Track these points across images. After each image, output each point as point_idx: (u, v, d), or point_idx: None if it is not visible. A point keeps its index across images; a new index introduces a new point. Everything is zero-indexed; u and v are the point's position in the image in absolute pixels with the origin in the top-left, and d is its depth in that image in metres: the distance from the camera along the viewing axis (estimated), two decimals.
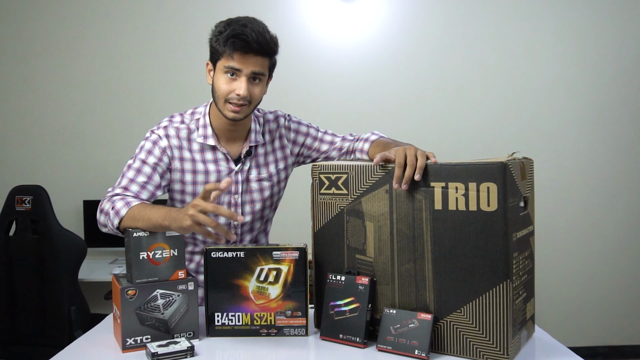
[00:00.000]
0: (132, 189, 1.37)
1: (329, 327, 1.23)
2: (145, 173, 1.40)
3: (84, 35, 3.29)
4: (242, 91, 1.34)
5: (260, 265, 1.25)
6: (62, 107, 3.31)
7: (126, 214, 1.27)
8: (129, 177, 1.39)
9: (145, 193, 1.38)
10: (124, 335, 1.18)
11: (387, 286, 1.20)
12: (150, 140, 1.44)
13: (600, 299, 3.38)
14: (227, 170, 1.47)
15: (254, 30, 1.32)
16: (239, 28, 1.32)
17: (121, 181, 1.39)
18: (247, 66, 1.34)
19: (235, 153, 1.49)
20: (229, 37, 1.32)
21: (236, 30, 1.32)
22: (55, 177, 3.28)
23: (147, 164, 1.41)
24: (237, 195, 1.49)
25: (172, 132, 1.45)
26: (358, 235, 1.23)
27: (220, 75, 1.36)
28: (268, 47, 1.35)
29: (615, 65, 3.34)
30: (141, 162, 1.41)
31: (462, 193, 1.09)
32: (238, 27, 1.32)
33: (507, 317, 1.07)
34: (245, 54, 1.32)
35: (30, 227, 2.44)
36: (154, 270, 1.20)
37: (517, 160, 1.12)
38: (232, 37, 1.32)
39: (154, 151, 1.42)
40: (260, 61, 1.35)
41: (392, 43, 3.31)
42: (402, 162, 1.13)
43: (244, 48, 1.32)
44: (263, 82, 1.39)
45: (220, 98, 1.37)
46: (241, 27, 1.32)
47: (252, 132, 1.50)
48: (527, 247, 1.18)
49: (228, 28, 1.34)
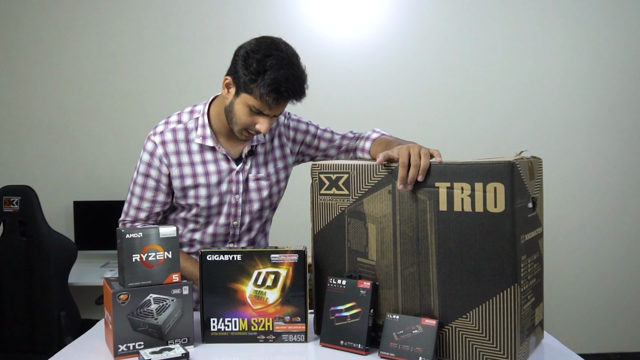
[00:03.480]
0: (140, 217, 1.50)
1: (330, 333, 1.23)
2: (147, 199, 1.48)
3: (74, 30, 3.29)
4: (264, 130, 1.35)
5: (257, 269, 1.25)
6: (52, 104, 3.31)
7: None
8: (135, 206, 1.49)
9: (153, 216, 1.51)
10: (116, 341, 1.18)
11: (389, 290, 1.20)
12: (147, 153, 1.46)
13: (611, 303, 3.38)
14: (228, 170, 1.48)
15: (296, 85, 1.30)
16: (282, 79, 1.28)
17: (128, 211, 1.50)
18: (277, 111, 1.35)
19: (236, 152, 1.50)
20: (270, 90, 1.28)
21: (279, 82, 1.28)
22: (44, 177, 3.28)
23: (147, 188, 1.47)
24: (238, 195, 1.50)
25: (168, 136, 1.46)
26: (359, 237, 1.23)
27: (244, 107, 1.35)
28: (303, 95, 1.35)
29: (627, 60, 3.34)
30: (141, 187, 1.48)
31: (468, 194, 1.09)
32: (281, 77, 1.28)
33: (514, 323, 1.07)
34: (279, 104, 1.33)
35: (19, 229, 2.45)
36: (147, 274, 1.20)
37: (525, 160, 1.12)
38: (274, 93, 1.29)
39: (150, 172, 1.46)
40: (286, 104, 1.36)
41: (395, 37, 3.31)
42: (406, 162, 1.13)
43: (283, 100, 1.32)
44: None
45: (237, 124, 1.38)
46: (285, 80, 1.28)
47: None
48: (536, 250, 1.18)
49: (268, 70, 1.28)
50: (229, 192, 1.48)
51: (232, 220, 1.51)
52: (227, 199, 1.49)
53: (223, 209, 1.50)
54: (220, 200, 1.48)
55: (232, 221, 1.51)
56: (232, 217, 1.51)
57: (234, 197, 1.49)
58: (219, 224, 1.51)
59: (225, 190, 1.48)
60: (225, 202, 1.49)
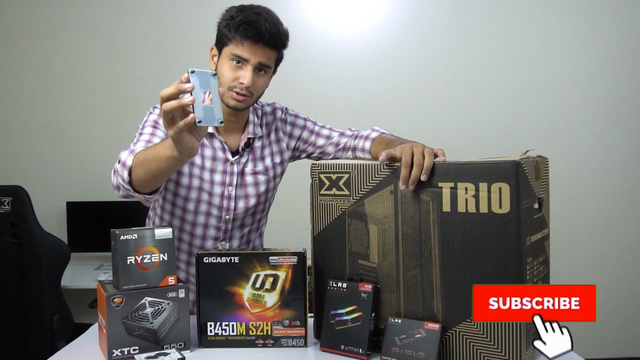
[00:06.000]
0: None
1: (330, 337, 1.23)
2: (159, 136, 1.40)
3: (67, 28, 3.29)
4: (246, 80, 1.36)
5: (256, 271, 1.25)
6: (44, 102, 3.31)
7: (133, 162, 1.24)
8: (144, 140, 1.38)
9: None
10: (110, 346, 1.18)
11: (391, 294, 1.20)
12: (154, 114, 1.46)
13: (620, 307, 3.38)
14: (223, 159, 1.48)
15: (268, 20, 1.36)
16: (253, 16, 1.35)
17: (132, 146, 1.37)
18: (255, 56, 1.36)
19: (233, 145, 1.50)
20: (241, 24, 1.35)
21: (250, 17, 1.35)
22: (36, 177, 3.27)
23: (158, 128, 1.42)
24: (231, 187, 1.50)
25: None
26: (361, 239, 1.23)
27: (226, 61, 1.39)
28: (280, 39, 1.39)
29: (635, 58, 3.34)
30: (152, 127, 1.42)
31: (472, 194, 1.09)
32: (252, 15, 1.36)
33: (520, 327, 1.07)
34: (255, 43, 1.36)
35: (10, 231, 2.44)
36: (142, 276, 1.20)
37: (531, 159, 1.13)
38: (244, 24, 1.34)
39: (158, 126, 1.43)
40: (269, 53, 1.39)
41: (398, 33, 3.31)
42: (409, 162, 1.13)
43: (255, 37, 1.35)
44: (268, 75, 1.43)
45: (223, 85, 1.39)
46: (255, 15, 1.36)
47: (251, 123, 1.52)
48: (542, 252, 1.18)
49: (241, 14, 1.36)
50: (222, 183, 1.49)
51: (225, 214, 1.51)
52: (218, 190, 1.49)
53: (214, 200, 1.49)
54: (211, 188, 1.47)
55: (224, 215, 1.51)
56: (224, 210, 1.51)
57: (227, 188, 1.49)
58: (212, 215, 1.50)
59: (218, 180, 1.48)
60: (217, 193, 1.48)
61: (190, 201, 1.48)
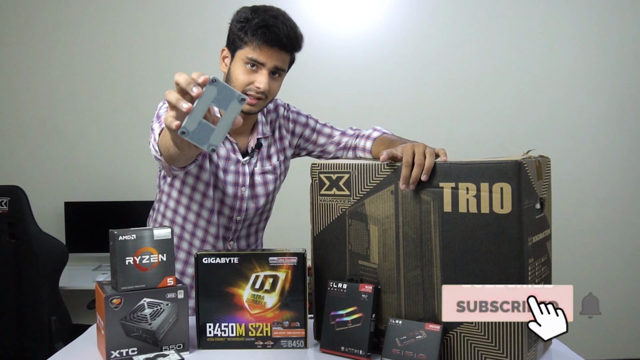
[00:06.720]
0: None
1: (330, 338, 1.23)
2: None
3: (65, 26, 3.29)
4: (262, 85, 1.36)
5: (255, 272, 1.25)
6: (42, 102, 3.31)
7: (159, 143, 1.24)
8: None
9: None
10: (109, 347, 1.18)
11: (392, 294, 1.20)
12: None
13: (622, 308, 3.38)
14: (235, 160, 1.49)
15: (286, 24, 1.35)
16: (270, 19, 1.33)
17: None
18: (272, 60, 1.36)
19: (242, 145, 1.51)
20: (258, 27, 1.33)
21: (267, 21, 1.33)
22: (34, 177, 3.28)
23: None
24: (244, 187, 1.51)
25: None
26: (361, 239, 1.23)
27: (240, 64, 1.37)
28: (297, 43, 1.39)
29: (637, 58, 3.34)
30: None
31: (474, 194, 1.09)
32: (269, 18, 1.34)
33: (521, 328, 1.07)
34: (271, 47, 1.34)
35: (7, 231, 2.44)
36: (140, 277, 1.20)
37: (532, 159, 1.13)
38: (262, 28, 1.33)
39: None
40: (284, 56, 1.38)
41: (399, 32, 3.32)
42: (410, 161, 1.13)
43: (273, 41, 1.34)
44: (282, 78, 1.43)
45: (236, 88, 1.38)
46: (272, 18, 1.34)
47: (259, 123, 1.53)
48: (544, 253, 1.18)
49: (256, 16, 1.34)
50: (234, 183, 1.49)
51: (236, 214, 1.51)
52: (231, 190, 1.49)
53: (227, 199, 1.49)
54: (224, 187, 1.47)
55: (235, 215, 1.51)
56: (236, 211, 1.51)
57: (240, 189, 1.50)
58: (223, 214, 1.50)
59: (231, 180, 1.48)
60: (230, 194, 1.49)
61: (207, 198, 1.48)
